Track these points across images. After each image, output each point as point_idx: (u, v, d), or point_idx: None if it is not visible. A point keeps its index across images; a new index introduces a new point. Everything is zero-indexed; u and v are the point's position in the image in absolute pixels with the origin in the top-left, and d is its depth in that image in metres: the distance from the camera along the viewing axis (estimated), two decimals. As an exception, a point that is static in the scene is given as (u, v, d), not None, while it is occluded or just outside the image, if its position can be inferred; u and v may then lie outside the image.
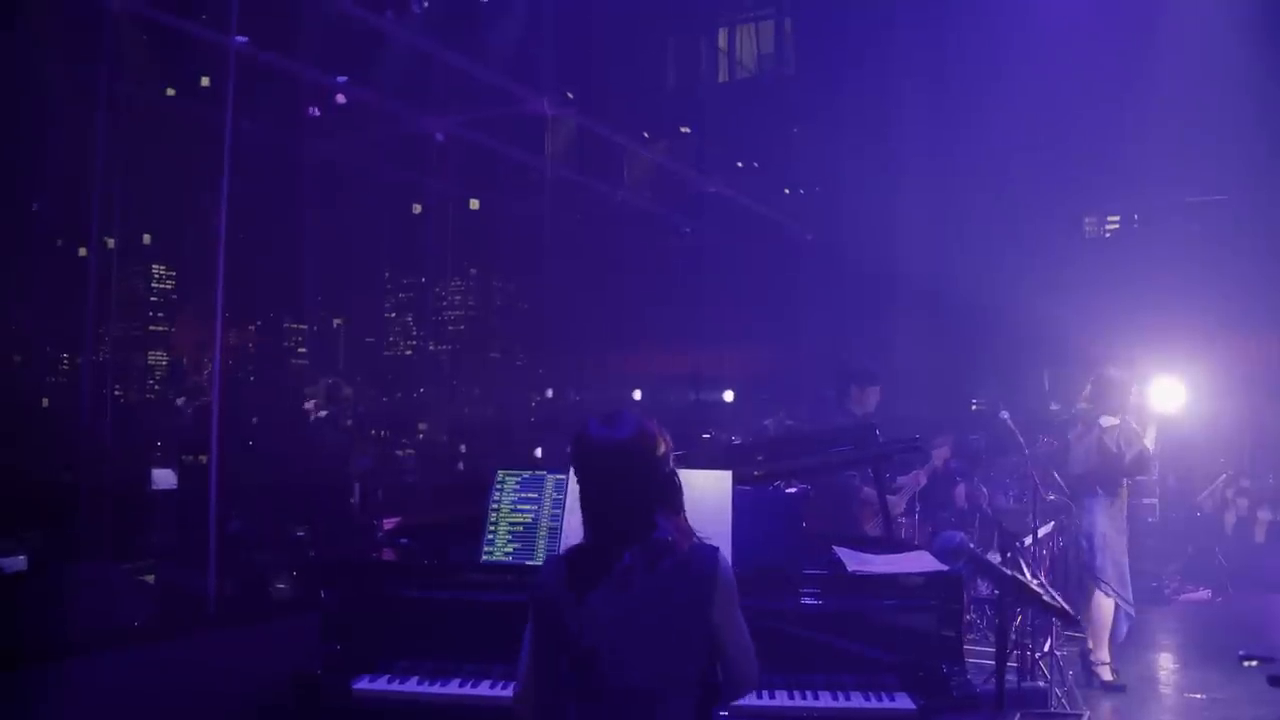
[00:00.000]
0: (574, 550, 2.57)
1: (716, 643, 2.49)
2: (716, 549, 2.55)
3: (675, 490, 2.59)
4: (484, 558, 3.94)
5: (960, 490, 9.14)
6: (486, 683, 3.64)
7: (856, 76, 15.90)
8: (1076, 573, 7.33)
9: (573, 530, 3.70)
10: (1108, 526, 6.79)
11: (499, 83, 12.05)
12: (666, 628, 2.44)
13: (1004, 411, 6.82)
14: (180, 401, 12.04)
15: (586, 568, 2.48)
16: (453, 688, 3.63)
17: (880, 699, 3.59)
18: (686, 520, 2.59)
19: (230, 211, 7.16)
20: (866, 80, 15.75)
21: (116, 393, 12.11)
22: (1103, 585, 6.74)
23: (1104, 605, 6.77)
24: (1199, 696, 6.78)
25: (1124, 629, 6.93)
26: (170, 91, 11.49)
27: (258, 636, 6.17)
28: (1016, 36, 13.26)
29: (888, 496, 5.22)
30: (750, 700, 3.33)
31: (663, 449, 2.57)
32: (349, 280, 20.29)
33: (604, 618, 2.42)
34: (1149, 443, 6.79)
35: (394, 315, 25.57)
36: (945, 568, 3.79)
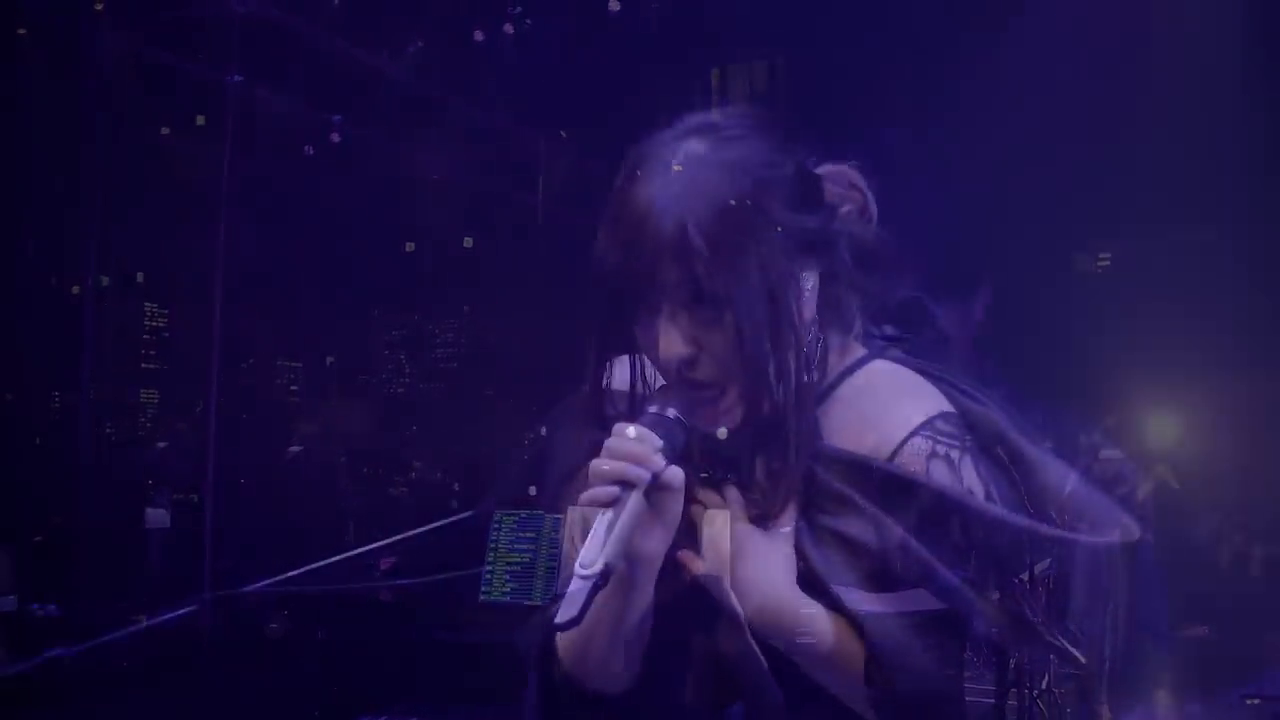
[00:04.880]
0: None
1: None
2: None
3: None
4: (481, 597, 3.91)
5: (956, 527, 9.09)
6: (485, 724, 3.60)
7: (847, 116, 15.95)
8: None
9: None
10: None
11: (494, 121, 12.12)
12: None
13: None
14: (164, 445, 11.99)
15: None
16: (450, 729, 3.60)
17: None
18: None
19: (225, 249, 7.17)
20: (856, 120, 15.81)
21: (108, 430, 12.05)
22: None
23: (1099, 642, 6.69)
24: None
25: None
26: (165, 130, 11.53)
27: (252, 677, 6.11)
28: (1007, 74, 13.34)
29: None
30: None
31: None
32: (341, 317, 20.23)
33: None
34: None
35: (387, 353, 25.50)
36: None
